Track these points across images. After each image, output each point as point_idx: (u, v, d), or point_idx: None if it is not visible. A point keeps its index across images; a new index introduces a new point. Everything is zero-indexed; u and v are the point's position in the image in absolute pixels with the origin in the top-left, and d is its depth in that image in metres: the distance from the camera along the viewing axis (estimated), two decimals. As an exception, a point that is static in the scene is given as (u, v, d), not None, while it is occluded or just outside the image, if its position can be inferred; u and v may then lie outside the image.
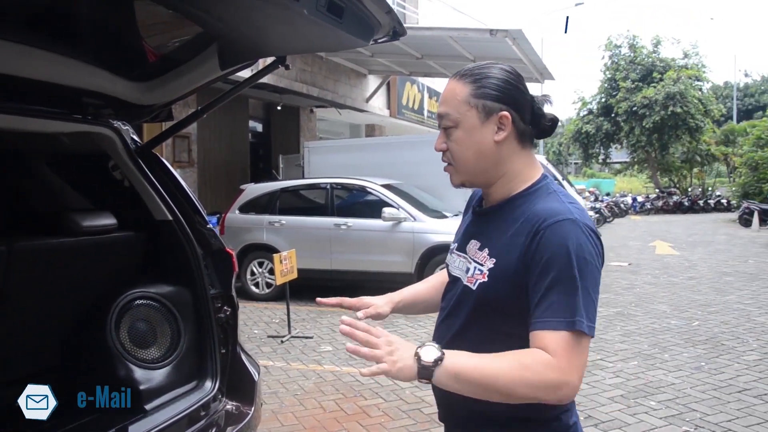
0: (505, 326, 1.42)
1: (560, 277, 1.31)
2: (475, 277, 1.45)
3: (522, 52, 11.16)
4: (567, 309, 1.30)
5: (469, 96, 1.43)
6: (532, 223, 1.37)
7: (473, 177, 1.49)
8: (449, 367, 1.28)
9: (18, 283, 2.39)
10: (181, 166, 10.90)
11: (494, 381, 1.28)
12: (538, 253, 1.34)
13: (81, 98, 2.56)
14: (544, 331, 1.30)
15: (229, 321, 2.85)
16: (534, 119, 1.48)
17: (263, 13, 1.99)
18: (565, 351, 1.28)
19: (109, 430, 2.28)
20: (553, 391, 1.28)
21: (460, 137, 1.45)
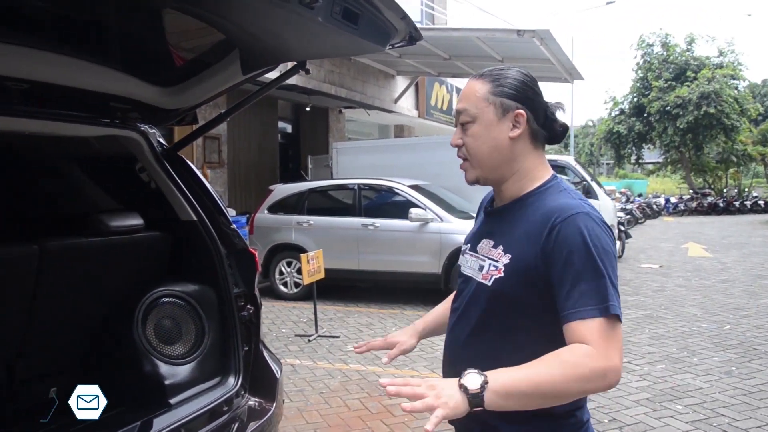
0: (521, 321, 1.46)
1: (585, 268, 1.36)
2: (490, 273, 1.48)
3: (550, 52, 11.08)
4: (597, 296, 1.34)
5: (488, 93, 1.50)
6: (546, 219, 1.42)
7: (487, 173, 1.55)
8: (497, 388, 1.28)
9: (49, 281, 2.48)
10: (212, 167, 11.06)
11: (546, 387, 1.30)
12: (557, 247, 1.38)
13: (109, 103, 2.65)
14: (579, 322, 1.34)
15: (252, 319, 2.91)
16: (547, 123, 1.54)
17: (281, 20, 2.04)
18: (602, 338, 1.31)
19: (135, 422, 2.36)
20: (601, 380, 1.30)
21: (477, 132, 1.52)
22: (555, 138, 1.58)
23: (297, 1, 1.79)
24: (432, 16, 17.88)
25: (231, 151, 11.83)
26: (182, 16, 2.31)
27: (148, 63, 2.64)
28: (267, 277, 9.25)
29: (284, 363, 5.71)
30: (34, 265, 2.38)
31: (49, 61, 2.26)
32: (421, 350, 6.20)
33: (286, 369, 5.58)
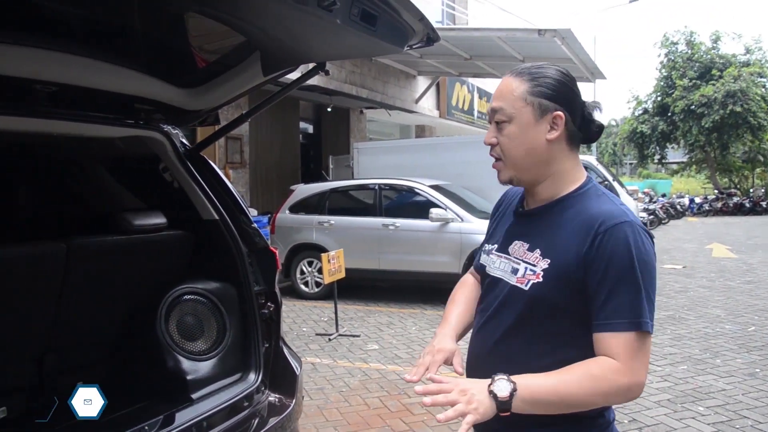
0: (555, 326, 1.44)
1: (623, 280, 1.35)
2: (527, 278, 1.45)
3: (571, 52, 11.02)
4: (631, 310, 1.34)
5: (526, 93, 1.46)
6: (590, 225, 1.40)
7: (521, 174, 1.51)
8: (525, 396, 1.31)
9: (76, 278, 2.54)
10: (234, 167, 11.16)
11: (571, 399, 1.34)
12: (598, 255, 1.37)
13: (134, 105, 2.71)
14: (609, 334, 1.35)
15: (273, 316, 2.95)
16: (583, 124, 1.51)
17: (300, 22, 2.08)
18: (631, 353, 1.33)
19: (158, 416, 2.41)
20: (624, 394, 1.35)
21: (512, 132, 1.47)
22: (590, 138, 1.55)
23: (315, 4, 1.82)
24: (453, 16, 17.85)
25: (253, 152, 11.93)
26: (204, 19, 2.37)
27: (171, 65, 2.70)
28: (288, 276, 9.32)
29: (305, 361, 5.77)
30: (61, 262, 2.45)
31: (76, 64, 2.33)
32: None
33: (306, 367, 5.63)
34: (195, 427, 2.40)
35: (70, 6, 2.15)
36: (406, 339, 6.70)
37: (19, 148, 3.06)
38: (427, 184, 8.94)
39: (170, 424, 2.38)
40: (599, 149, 40.59)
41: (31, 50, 2.17)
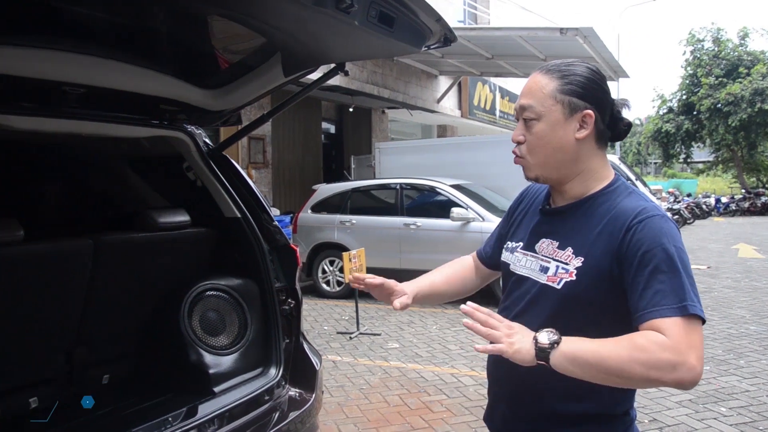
0: (590, 325, 1.41)
1: (661, 267, 1.32)
2: (560, 276, 1.43)
3: (594, 50, 10.97)
4: (675, 294, 1.30)
5: (556, 91, 1.44)
6: (622, 221, 1.39)
7: (548, 172, 1.50)
8: (566, 350, 1.30)
9: (103, 273, 2.63)
10: (257, 167, 11.28)
11: (610, 363, 1.28)
12: (633, 247, 1.35)
13: (159, 105, 2.79)
14: (655, 320, 1.29)
15: (293, 312, 3.01)
16: (612, 122, 1.50)
17: (319, 24, 2.13)
18: (679, 335, 1.26)
19: (181, 408, 2.49)
20: (668, 372, 1.25)
21: (541, 130, 1.46)
22: (618, 136, 1.53)
23: (333, 6, 1.87)
24: (475, 15, 17.83)
25: (275, 152, 12.04)
26: (226, 21, 2.43)
27: (195, 67, 2.77)
28: (310, 275, 9.39)
29: (326, 359, 5.84)
30: (89, 258, 2.53)
31: (104, 66, 2.41)
32: (461, 348, 6.25)
33: (327, 365, 5.70)
34: (217, 419, 2.47)
35: (98, 11, 2.22)
36: (427, 338, 6.73)
37: (49, 148, 3.16)
38: (448, 183, 8.96)
39: (193, 415, 2.45)
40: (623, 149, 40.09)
41: (60, 54, 2.25)
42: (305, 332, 5.95)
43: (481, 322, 1.35)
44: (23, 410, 2.51)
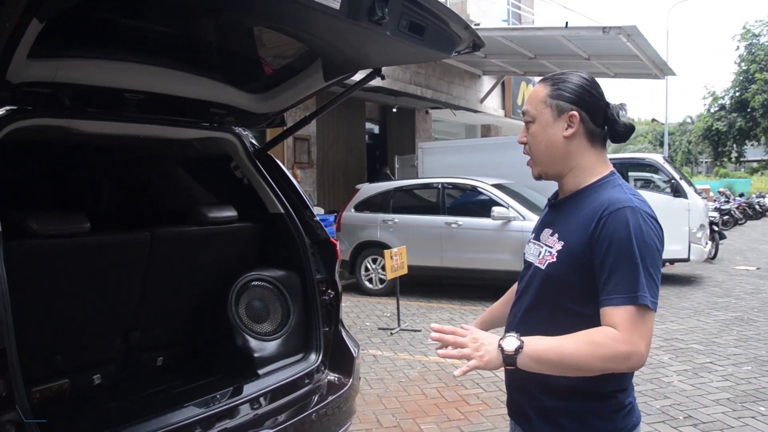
0: (569, 303, 1.58)
1: (622, 259, 1.48)
2: (545, 258, 1.62)
3: (638, 48, 10.84)
4: (630, 286, 1.46)
5: (546, 96, 1.64)
6: (597, 210, 1.55)
7: (546, 168, 1.68)
8: (529, 353, 1.44)
9: (158, 264, 2.86)
10: (301, 167, 11.52)
11: (571, 360, 1.45)
12: (601, 237, 1.51)
13: (209, 109, 3.00)
14: (611, 307, 1.47)
15: (332, 302, 3.18)
16: (608, 123, 1.65)
17: (354, 34, 2.31)
18: (630, 324, 1.44)
19: (228, 388, 2.69)
20: (622, 362, 1.45)
21: (536, 131, 1.66)
22: (617, 138, 1.67)
23: (366, 19, 2.04)
24: (519, 15, 17.79)
25: (320, 152, 12.27)
26: (271, 32, 2.64)
27: (242, 73, 2.97)
28: (353, 273, 9.56)
29: (367, 353, 6.01)
30: (145, 249, 2.77)
31: (161, 74, 2.64)
32: (499, 345, 6.33)
33: (368, 359, 5.86)
34: (261, 398, 2.66)
35: (155, 25, 2.45)
36: (466, 334, 6.82)
37: (110, 149, 3.42)
38: (489, 183, 9.00)
39: (238, 394, 2.65)
40: (672, 147, 39.07)
41: (122, 64, 2.48)
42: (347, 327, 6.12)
43: (449, 343, 1.46)
44: (88, 385, 2.76)
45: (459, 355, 1.43)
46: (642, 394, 4.88)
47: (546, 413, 1.63)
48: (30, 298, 2.36)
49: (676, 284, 10.07)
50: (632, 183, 11.18)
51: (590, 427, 1.60)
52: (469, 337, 1.46)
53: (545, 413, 1.63)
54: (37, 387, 2.53)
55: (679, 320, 7.49)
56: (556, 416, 1.61)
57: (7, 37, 1.73)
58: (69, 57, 2.30)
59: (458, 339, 1.46)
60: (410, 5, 2.17)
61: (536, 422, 1.65)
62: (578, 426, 1.60)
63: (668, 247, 9.68)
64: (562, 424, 1.61)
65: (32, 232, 2.33)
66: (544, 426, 1.64)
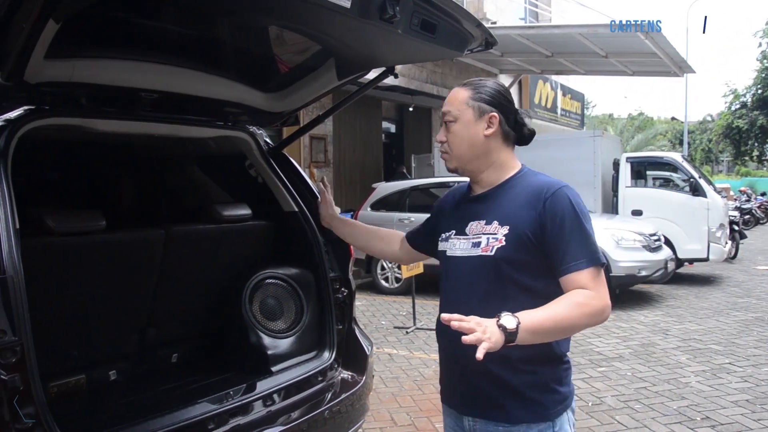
0: (524, 281, 1.73)
1: (575, 230, 1.69)
2: (491, 245, 1.75)
3: (656, 46, 10.74)
4: (587, 251, 1.68)
5: (468, 98, 1.82)
6: (539, 192, 1.74)
7: (465, 163, 1.86)
8: (527, 327, 1.56)
9: (173, 261, 2.89)
10: (318, 166, 11.56)
11: (564, 323, 1.63)
12: (549, 213, 1.70)
13: (223, 108, 3.02)
14: (576, 273, 1.67)
15: (346, 300, 3.19)
16: (516, 127, 1.87)
17: (367, 32, 2.31)
18: (596, 282, 1.67)
19: (241, 384, 2.71)
20: (600, 315, 1.67)
21: (458, 130, 1.83)
22: (523, 140, 1.90)
23: (378, 18, 2.05)
24: (536, 13, 17.70)
25: (337, 151, 12.31)
26: (284, 31, 2.66)
27: (256, 72, 2.99)
28: (369, 272, 9.58)
29: (382, 352, 6.03)
30: (160, 246, 2.80)
31: (175, 74, 2.66)
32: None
33: (383, 357, 5.88)
34: (274, 395, 2.68)
35: (170, 24, 2.48)
36: (481, 333, 6.81)
37: (125, 148, 3.46)
38: (505, 181, 8.98)
39: (252, 391, 2.67)
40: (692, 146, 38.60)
41: (137, 63, 2.51)
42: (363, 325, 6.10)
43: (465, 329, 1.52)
44: (104, 381, 2.80)
45: (475, 339, 1.50)
46: (659, 394, 4.85)
47: (516, 393, 1.75)
48: (47, 294, 2.40)
49: (694, 284, 9.98)
50: (651, 182, 11.11)
51: (556, 394, 1.78)
52: (474, 322, 1.54)
53: (515, 393, 1.75)
54: (54, 382, 2.58)
55: (697, 320, 7.43)
56: (526, 393, 1.75)
57: (24, 39, 1.76)
58: (85, 57, 2.33)
59: (469, 325, 1.53)
60: (422, 3, 2.18)
61: (513, 407, 1.75)
62: (547, 396, 1.76)
63: (687, 247, 9.73)
64: (537, 400, 1.75)
65: (49, 229, 2.37)
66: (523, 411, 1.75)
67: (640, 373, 5.42)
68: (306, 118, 3.44)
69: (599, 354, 6.05)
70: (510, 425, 1.76)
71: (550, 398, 1.76)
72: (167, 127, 2.89)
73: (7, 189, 2.04)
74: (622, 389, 5.02)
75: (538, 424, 1.75)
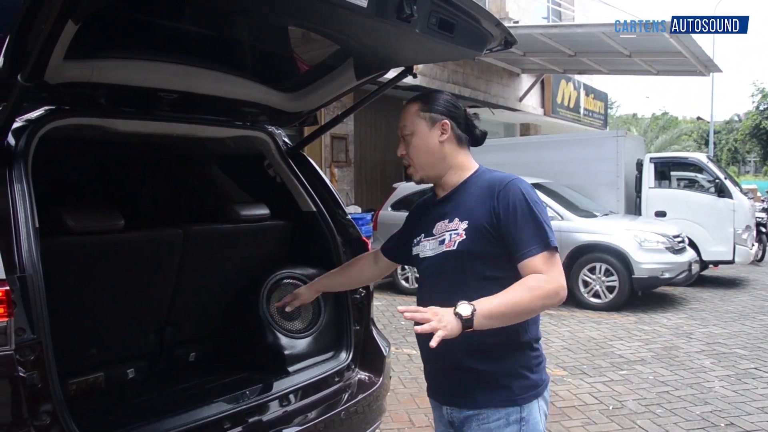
0: (487, 272, 1.83)
1: (525, 217, 1.79)
2: (453, 240, 1.86)
3: (681, 45, 10.58)
4: (539, 236, 1.77)
5: (419, 111, 1.96)
6: (492, 186, 1.86)
7: (428, 171, 1.98)
8: (483, 312, 1.65)
9: (191, 260, 2.90)
10: (339, 166, 11.58)
11: (519, 307, 1.70)
12: (502, 204, 1.81)
13: (242, 108, 3.03)
14: (530, 258, 1.76)
15: (364, 301, 3.18)
16: (468, 129, 2.01)
17: (384, 32, 2.30)
18: (549, 265, 1.75)
19: (258, 384, 2.72)
20: (555, 296, 1.73)
21: (416, 142, 1.95)
22: (476, 141, 2.04)
23: (395, 17, 2.03)
24: (559, 12, 17.55)
25: (357, 151, 12.32)
26: (302, 31, 2.66)
27: (275, 72, 3.00)
28: (390, 272, 9.54)
29: (401, 352, 6.01)
30: (179, 246, 2.82)
31: (194, 74, 2.67)
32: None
33: (402, 358, 5.86)
34: (290, 395, 2.69)
35: (189, 25, 2.49)
36: (501, 334, 6.76)
37: (144, 147, 3.48)
38: (527, 182, 8.92)
39: (268, 391, 2.68)
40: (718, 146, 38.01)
41: (156, 64, 2.53)
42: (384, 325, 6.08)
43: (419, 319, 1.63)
44: (122, 379, 2.83)
45: (429, 328, 1.60)
46: (681, 399, 4.78)
47: (487, 381, 1.84)
48: (66, 292, 2.42)
49: (719, 287, 9.82)
50: (675, 183, 10.96)
51: (527, 380, 1.85)
52: (430, 312, 1.63)
53: (484, 380, 1.84)
54: (73, 379, 2.60)
55: (722, 324, 7.31)
56: (496, 379, 1.84)
57: (43, 40, 1.78)
58: (104, 58, 2.35)
59: (425, 316, 1.62)
60: (439, 2, 2.16)
61: (482, 393, 1.85)
62: (517, 383, 1.84)
63: (712, 249, 9.59)
64: (505, 385, 1.83)
65: (68, 228, 2.40)
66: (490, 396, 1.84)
67: (663, 377, 5.34)
68: (327, 118, 3.44)
69: (620, 357, 5.98)
70: (478, 410, 1.86)
71: (517, 384, 1.84)
72: (186, 127, 2.91)
73: (27, 188, 2.06)
74: (643, 393, 4.94)
75: (506, 408, 1.83)
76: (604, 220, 8.84)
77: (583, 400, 4.78)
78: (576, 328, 7.17)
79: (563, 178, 9.67)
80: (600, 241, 8.22)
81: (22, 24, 1.79)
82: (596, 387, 5.10)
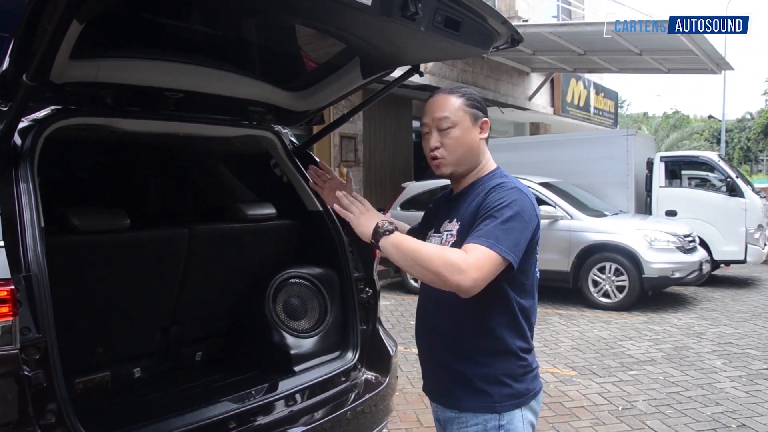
0: None
1: (489, 215, 1.75)
2: (448, 240, 1.87)
3: (693, 43, 10.51)
4: (488, 234, 1.70)
5: (464, 105, 1.92)
6: (488, 189, 1.84)
7: (460, 167, 1.93)
8: (393, 240, 1.74)
9: (197, 260, 2.91)
10: (348, 165, 11.58)
11: (419, 253, 1.69)
12: (485, 203, 1.79)
13: (248, 107, 3.03)
14: (467, 244, 1.71)
15: (370, 301, 3.17)
16: None
17: (389, 31, 2.29)
18: (475, 255, 1.66)
19: (264, 384, 2.72)
20: (455, 272, 1.63)
21: (457, 135, 1.90)
22: None
23: (399, 15, 2.02)
24: (569, 11, 17.47)
25: (367, 150, 12.32)
26: (309, 30, 2.65)
27: (281, 72, 2.99)
28: (398, 271, 9.55)
29: (410, 352, 6.00)
30: (184, 245, 2.82)
31: (200, 73, 2.66)
32: (544, 345, 6.27)
33: (411, 358, 5.85)
34: (296, 395, 2.68)
35: (195, 24, 2.49)
36: (510, 334, 6.74)
37: (150, 147, 3.49)
38: (536, 181, 8.87)
39: (274, 390, 2.68)
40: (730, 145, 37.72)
41: (162, 63, 2.52)
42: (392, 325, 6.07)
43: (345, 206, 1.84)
44: (129, 378, 2.83)
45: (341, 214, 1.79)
46: (692, 399, 4.74)
47: (465, 382, 1.83)
48: (72, 292, 2.43)
49: (731, 287, 9.75)
50: (686, 182, 10.88)
51: (509, 388, 1.82)
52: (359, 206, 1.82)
53: (465, 382, 1.83)
54: (80, 378, 2.61)
55: (733, 324, 7.25)
56: (475, 383, 1.82)
57: (48, 39, 1.78)
58: (110, 57, 2.35)
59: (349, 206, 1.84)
60: (445, 0, 2.14)
61: (462, 396, 1.84)
62: (498, 390, 1.81)
63: (723, 248, 9.52)
64: (484, 390, 1.81)
65: (74, 228, 2.40)
66: (469, 399, 1.83)
67: (673, 378, 5.30)
68: (335, 117, 3.43)
69: (630, 357, 5.94)
70: (459, 412, 1.85)
71: (498, 391, 1.81)
72: (192, 126, 2.91)
73: (33, 188, 2.07)
74: (653, 393, 4.91)
75: (484, 414, 1.81)
76: (614, 219, 8.80)
77: (593, 401, 4.76)
78: (585, 328, 7.13)
79: (573, 177, 9.63)
80: (610, 241, 8.17)
81: (27, 24, 1.79)
82: (606, 387, 5.07)
